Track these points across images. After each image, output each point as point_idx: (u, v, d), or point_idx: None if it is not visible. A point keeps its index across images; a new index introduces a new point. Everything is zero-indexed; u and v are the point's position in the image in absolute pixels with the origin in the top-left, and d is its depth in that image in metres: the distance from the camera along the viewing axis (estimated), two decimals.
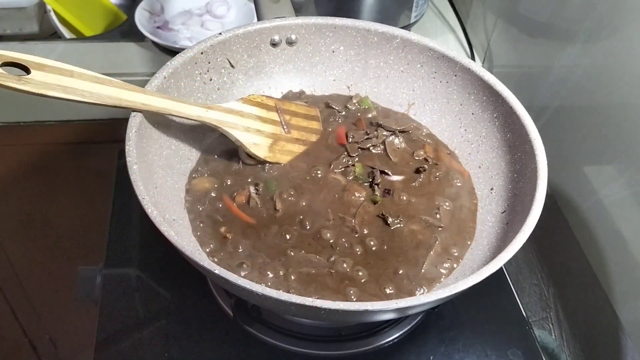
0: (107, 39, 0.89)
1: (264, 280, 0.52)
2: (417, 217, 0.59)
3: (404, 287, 0.53)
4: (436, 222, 0.59)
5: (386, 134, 0.66)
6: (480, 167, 0.64)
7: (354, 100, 0.69)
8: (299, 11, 0.75)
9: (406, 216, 0.59)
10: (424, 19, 0.88)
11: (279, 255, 0.54)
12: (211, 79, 0.64)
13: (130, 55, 0.82)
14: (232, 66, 0.66)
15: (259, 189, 0.59)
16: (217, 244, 0.55)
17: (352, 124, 0.67)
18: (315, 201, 0.59)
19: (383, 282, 0.53)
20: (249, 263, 0.53)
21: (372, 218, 0.59)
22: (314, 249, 0.55)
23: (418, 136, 0.67)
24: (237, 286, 0.43)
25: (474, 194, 0.63)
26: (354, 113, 0.69)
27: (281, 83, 0.70)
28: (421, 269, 0.55)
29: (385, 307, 0.44)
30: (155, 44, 0.83)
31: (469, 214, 0.60)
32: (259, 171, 0.61)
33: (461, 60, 0.65)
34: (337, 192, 0.60)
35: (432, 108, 0.69)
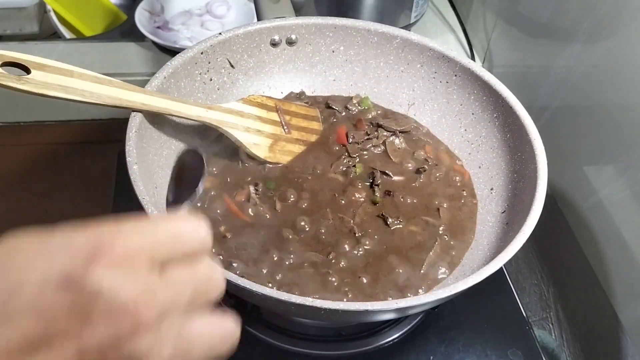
0: (107, 39, 0.89)
1: (263, 280, 0.52)
2: (417, 217, 0.59)
3: (403, 288, 0.53)
4: (436, 223, 0.59)
5: (386, 134, 0.66)
6: (480, 167, 0.64)
7: (354, 101, 0.69)
8: (299, 11, 0.75)
9: (406, 217, 0.59)
10: (424, 19, 0.88)
11: (279, 255, 0.54)
12: (211, 79, 0.64)
13: (130, 55, 0.82)
14: (232, 66, 0.66)
15: (258, 188, 0.59)
16: (217, 244, 0.55)
17: (352, 125, 0.67)
18: (315, 201, 0.59)
19: (383, 283, 0.53)
20: (248, 263, 0.53)
21: (372, 218, 0.59)
22: (313, 249, 0.55)
23: (418, 136, 0.67)
24: (237, 286, 0.43)
25: (474, 194, 0.63)
26: (354, 113, 0.69)
27: (281, 83, 0.70)
28: (421, 270, 0.55)
29: (385, 307, 0.44)
30: (155, 44, 0.83)
31: (469, 214, 0.60)
32: (259, 171, 0.61)
33: (461, 60, 0.65)
34: (338, 192, 0.60)
35: (432, 108, 0.69)
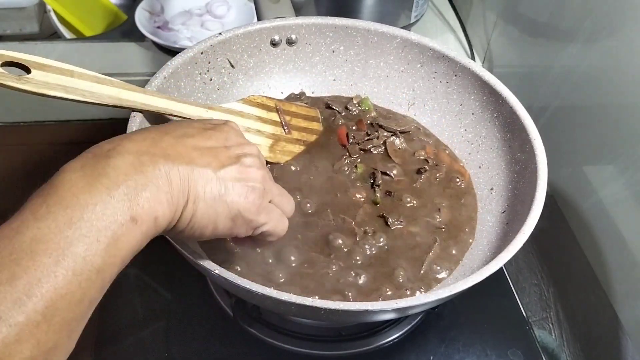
0: (107, 39, 0.89)
1: (264, 280, 0.52)
2: (418, 217, 0.59)
3: (403, 288, 0.53)
4: (436, 223, 0.59)
5: (387, 134, 0.66)
6: (480, 167, 0.64)
7: (354, 101, 0.69)
8: (299, 11, 0.75)
9: (406, 217, 0.59)
10: (424, 19, 0.88)
11: (279, 255, 0.54)
12: (211, 79, 0.64)
13: (130, 55, 0.82)
14: (232, 66, 0.66)
15: None
16: (217, 244, 0.55)
17: (353, 125, 0.67)
18: (316, 201, 0.59)
19: (382, 283, 0.53)
20: (248, 263, 0.53)
21: (373, 219, 0.59)
22: (313, 249, 0.55)
23: (419, 137, 0.67)
24: (237, 286, 0.43)
25: (474, 194, 0.63)
26: (355, 114, 0.69)
27: (281, 83, 0.70)
28: (421, 270, 0.55)
29: (385, 307, 0.44)
30: (155, 44, 0.83)
31: (469, 214, 0.60)
32: None
33: (461, 60, 0.65)
34: (338, 192, 0.60)
35: (432, 108, 0.69)
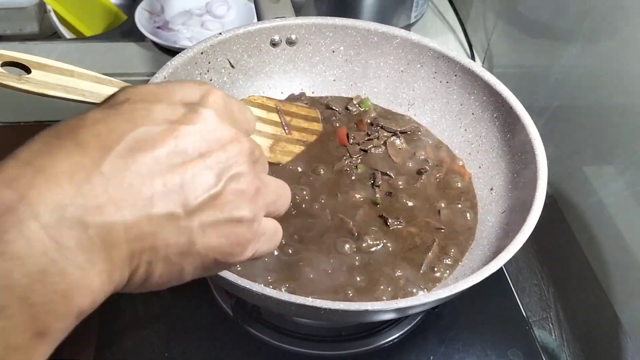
0: (107, 39, 0.89)
1: (263, 279, 0.52)
2: (417, 218, 0.59)
3: (403, 288, 0.53)
4: (436, 224, 0.59)
5: (387, 134, 0.66)
6: (480, 167, 0.64)
7: (354, 102, 0.69)
8: (299, 11, 0.75)
9: (406, 217, 0.59)
10: (424, 19, 0.88)
11: (278, 254, 0.54)
12: (211, 79, 0.64)
13: (130, 55, 0.82)
14: (232, 66, 0.66)
15: None
16: None
17: (353, 125, 0.67)
18: (316, 201, 0.59)
19: (382, 283, 0.53)
20: (247, 263, 0.53)
21: (372, 219, 0.58)
22: (313, 249, 0.55)
23: (419, 137, 0.67)
24: (237, 286, 0.44)
25: (474, 194, 0.63)
26: (355, 114, 0.69)
27: (281, 83, 0.70)
28: (420, 270, 0.55)
29: (385, 307, 0.44)
30: (155, 44, 0.83)
31: (469, 215, 0.60)
32: None
33: (461, 60, 0.65)
34: (338, 192, 0.60)
35: (432, 108, 0.69)
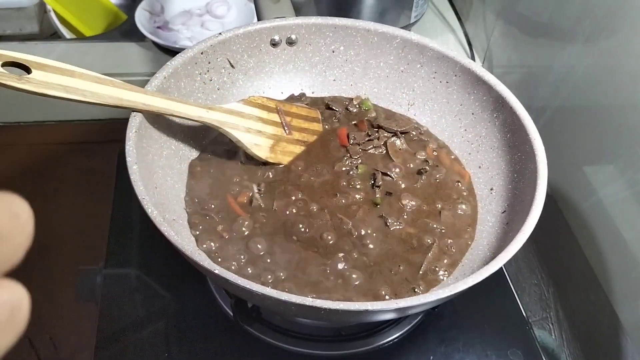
0: (107, 39, 0.89)
1: (262, 279, 0.52)
2: (417, 218, 0.59)
3: (403, 288, 0.53)
4: (436, 224, 0.59)
5: (387, 135, 0.66)
6: (480, 167, 0.64)
7: (354, 102, 0.69)
8: (299, 11, 0.75)
9: (406, 217, 0.59)
10: (424, 19, 0.88)
11: (278, 254, 0.54)
12: (211, 79, 0.64)
13: (130, 55, 0.82)
14: (232, 66, 0.66)
15: (261, 188, 0.59)
16: (217, 244, 0.55)
17: (353, 125, 0.67)
18: (316, 201, 0.59)
19: (382, 283, 0.53)
20: (246, 263, 0.53)
21: (372, 219, 0.59)
22: (312, 249, 0.55)
23: (419, 137, 0.67)
24: (237, 286, 0.43)
25: (474, 194, 0.63)
26: (355, 114, 0.69)
27: (281, 83, 0.70)
28: (420, 270, 0.55)
29: (385, 307, 0.44)
30: (155, 44, 0.83)
31: (469, 215, 0.60)
32: (260, 171, 0.61)
33: (461, 60, 0.65)
34: (338, 192, 0.60)
35: (432, 108, 0.69)
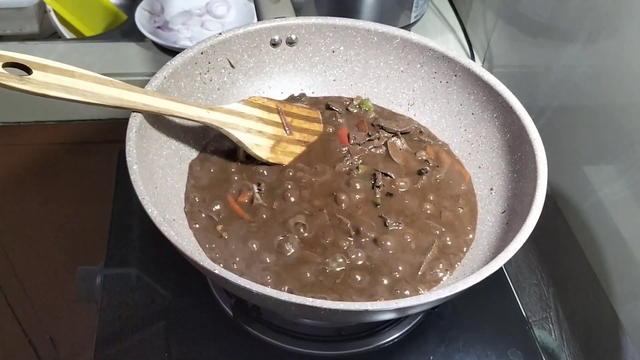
0: (107, 39, 0.89)
1: (262, 279, 0.52)
2: (418, 219, 0.59)
3: (402, 288, 0.53)
4: (436, 225, 0.59)
5: (387, 135, 0.66)
6: (480, 167, 0.64)
7: (354, 102, 0.69)
8: (299, 11, 0.75)
9: (406, 218, 0.59)
10: (424, 19, 0.88)
11: (277, 254, 0.54)
12: (211, 79, 0.64)
13: (130, 55, 0.82)
14: (232, 66, 0.66)
15: (261, 188, 0.59)
16: (216, 244, 0.55)
17: (354, 126, 0.67)
18: (316, 201, 0.59)
19: (381, 284, 0.53)
20: (246, 262, 0.53)
21: (372, 219, 0.58)
22: (312, 249, 0.55)
23: (419, 137, 0.67)
24: (237, 286, 0.43)
25: (474, 194, 0.63)
26: (355, 115, 0.69)
27: (281, 83, 0.70)
28: (419, 270, 0.55)
29: (385, 307, 0.44)
30: (155, 44, 0.83)
31: (469, 215, 0.60)
32: (260, 171, 0.61)
33: (461, 60, 0.65)
34: (338, 193, 0.60)
35: (432, 108, 0.69)
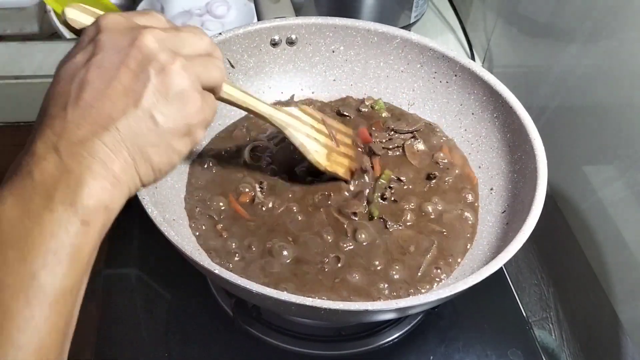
0: None
1: (262, 279, 0.52)
2: (419, 221, 0.59)
3: (402, 289, 0.53)
4: (436, 226, 0.58)
5: (405, 137, 0.65)
6: (480, 167, 0.64)
7: (366, 103, 0.69)
8: (299, 11, 0.75)
9: (406, 219, 0.58)
10: (424, 19, 0.88)
11: (277, 254, 0.54)
12: None
13: None
14: (232, 66, 0.66)
15: (263, 187, 0.59)
16: (217, 243, 0.55)
17: (369, 127, 0.66)
18: (316, 201, 0.59)
19: (381, 284, 0.53)
20: (245, 262, 0.53)
21: (372, 221, 0.58)
22: (311, 250, 0.55)
23: (435, 133, 0.67)
24: (237, 286, 0.43)
25: (477, 196, 0.62)
26: (368, 115, 0.68)
27: (281, 83, 0.70)
28: (419, 272, 0.55)
29: (385, 307, 0.44)
30: None
31: (470, 215, 0.60)
32: (259, 171, 0.61)
33: (461, 60, 0.65)
34: (339, 194, 0.60)
35: (432, 108, 0.69)
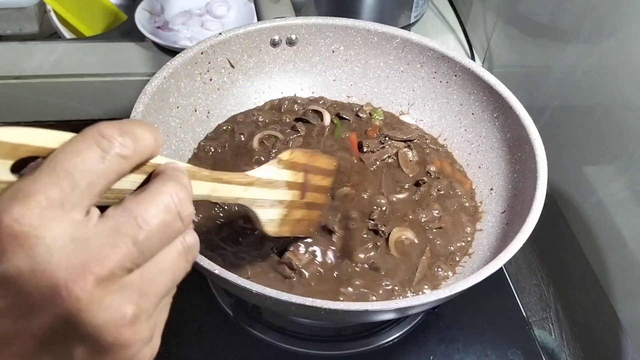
0: (107, 39, 0.89)
1: (262, 279, 0.52)
2: (415, 225, 0.59)
3: (401, 290, 0.53)
4: (436, 227, 0.58)
5: (398, 145, 0.65)
6: (480, 167, 0.64)
7: (365, 109, 0.69)
8: (299, 11, 0.75)
9: (403, 224, 0.58)
10: (424, 19, 0.88)
11: (274, 255, 0.54)
12: (211, 79, 0.64)
13: (130, 55, 0.82)
14: (232, 66, 0.66)
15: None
16: (216, 243, 0.55)
17: (363, 132, 0.67)
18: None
19: (379, 285, 0.53)
20: (246, 261, 0.53)
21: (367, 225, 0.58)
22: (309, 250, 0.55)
23: (425, 144, 0.67)
24: (237, 286, 0.44)
25: (474, 200, 0.62)
26: (365, 121, 0.68)
27: (281, 83, 0.70)
28: (418, 272, 0.55)
29: (385, 307, 0.44)
30: (155, 44, 0.83)
31: (469, 216, 0.60)
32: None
33: (461, 60, 0.65)
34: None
35: (432, 108, 0.69)
